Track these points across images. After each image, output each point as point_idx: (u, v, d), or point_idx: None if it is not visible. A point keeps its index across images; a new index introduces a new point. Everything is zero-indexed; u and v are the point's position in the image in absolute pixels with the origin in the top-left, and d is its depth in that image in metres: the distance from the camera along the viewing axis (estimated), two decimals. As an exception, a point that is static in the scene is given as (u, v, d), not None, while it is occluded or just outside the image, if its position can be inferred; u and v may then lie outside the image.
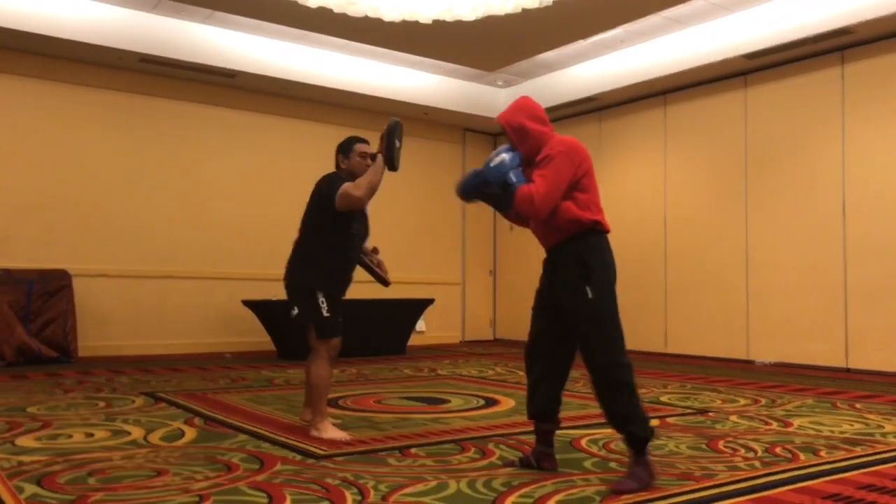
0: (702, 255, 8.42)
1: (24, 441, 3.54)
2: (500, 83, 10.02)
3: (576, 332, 2.99)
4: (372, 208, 4.15)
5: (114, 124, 8.18)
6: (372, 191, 3.70)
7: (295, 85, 8.79)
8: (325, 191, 3.79)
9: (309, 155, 9.24)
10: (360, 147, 3.96)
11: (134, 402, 4.84)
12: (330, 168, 4.06)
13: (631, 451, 2.86)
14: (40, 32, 7.16)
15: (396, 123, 3.80)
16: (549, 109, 9.72)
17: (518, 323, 10.66)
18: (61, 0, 7.26)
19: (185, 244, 8.53)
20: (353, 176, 3.85)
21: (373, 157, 3.83)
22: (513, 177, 2.95)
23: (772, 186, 7.82)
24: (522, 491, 2.71)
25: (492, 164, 3.01)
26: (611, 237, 3.15)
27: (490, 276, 11.24)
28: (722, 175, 8.29)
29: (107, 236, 8.05)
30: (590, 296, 2.89)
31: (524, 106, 3.16)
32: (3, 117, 7.58)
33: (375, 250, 4.17)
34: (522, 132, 3.08)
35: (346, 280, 3.92)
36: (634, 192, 9.23)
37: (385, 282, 4.18)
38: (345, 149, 3.97)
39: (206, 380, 6.09)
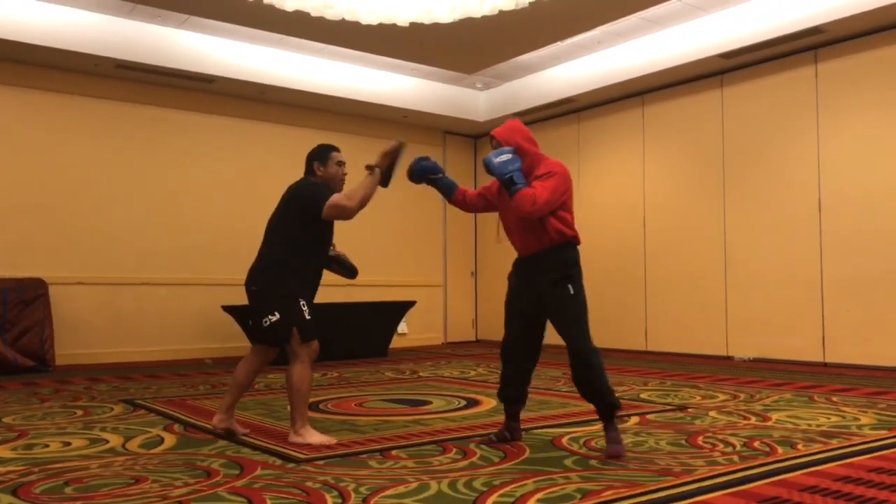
0: (681, 254, 8.49)
1: (0, 451, 3.49)
2: (479, 85, 10.04)
3: (557, 323, 3.54)
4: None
5: (91, 131, 8.11)
6: (364, 204, 3.71)
7: (273, 89, 8.76)
8: (309, 198, 3.72)
9: (288, 159, 9.19)
10: (336, 156, 3.93)
11: (112, 409, 4.79)
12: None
13: (605, 421, 3.43)
14: (14, 39, 7.08)
15: (402, 145, 3.85)
16: (528, 111, 9.77)
17: (499, 324, 10.67)
18: (35, 6, 7.19)
19: (163, 250, 8.47)
20: (327, 184, 3.84)
21: (371, 168, 3.80)
22: (518, 177, 3.40)
23: (749, 184, 7.90)
24: (503, 490, 2.72)
25: (496, 161, 3.40)
26: (591, 237, 3.60)
27: (472, 277, 11.26)
28: (700, 173, 8.36)
29: (83, 243, 7.97)
30: (572, 293, 3.50)
31: (518, 128, 3.60)
32: (-23, 124, 7.49)
33: (332, 245, 4.09)
34: (520, 152, 3.52)
35: (318, 284, 3.89)
36: (614, 192, 9.29)
37: (354, 270, 4.10)
38: (322, 157, 3.90)
39: (186, 386, 6.05)
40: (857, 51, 7.13)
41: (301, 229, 3.73)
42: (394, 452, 3.41)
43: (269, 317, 3.67)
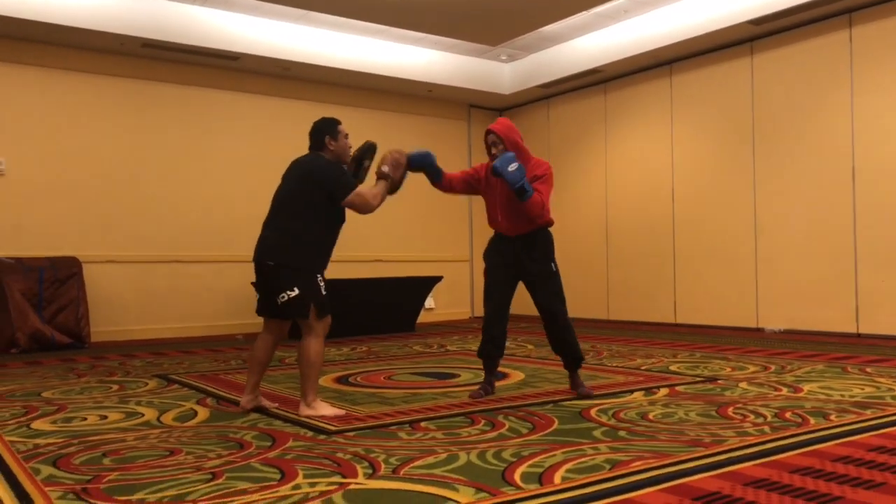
0: (710, 225, 8.38)
1: (40, 424, 3.58)
2: (503, 58, 9.94)
3: (543, 293, 4.21)
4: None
5: (119, 110, 8.19)
6: (380, 204, 3.89)
7: (297, 65, 8.76)
8: (333, 181, 3.74)
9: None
10: (342, 128, 3.96)
11: (147, 384, 4.89)
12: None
13: (573, 370, 4.24)
14: (42, 20, 7.14)
15: (372, 146, 4.06)
16: (554, 83, 9.67)
17: (526, 298, 10.65)
18: (60, -14, 7.24)
19: (193, 228, 8.56)
20: (338, 159, 3.89)
21: (385, 175, 3.93)
22: (528, 186, 3.94)
23: (780, 153, 7.75)
24: (532, 461, 2.73)
25: (510, 169, 3.89)
26: (619, 209, 3.77)
27: (498, 252, 11.23)
28: (729, 143, 8.23)
29: (115, 222, 8.09)
30: (554, 269, 4.22)
31: (514, 127, 4.18)
32: (9, 107, 7.60)
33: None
34: (516, 147, 4.09)
35: (329, 254, 3.91)
36: (641, 163, 9.18)
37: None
38: (332, 130, 3.90)
39: (218, 361, 6.14)
40: (893, 14, 6.92)
41: (317, 205, 3.75)
42: (423, 424, 3.44)
43: (288, 292, 3.65)
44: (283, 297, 3.66)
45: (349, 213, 3.92)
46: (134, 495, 2.39)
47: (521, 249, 4.14)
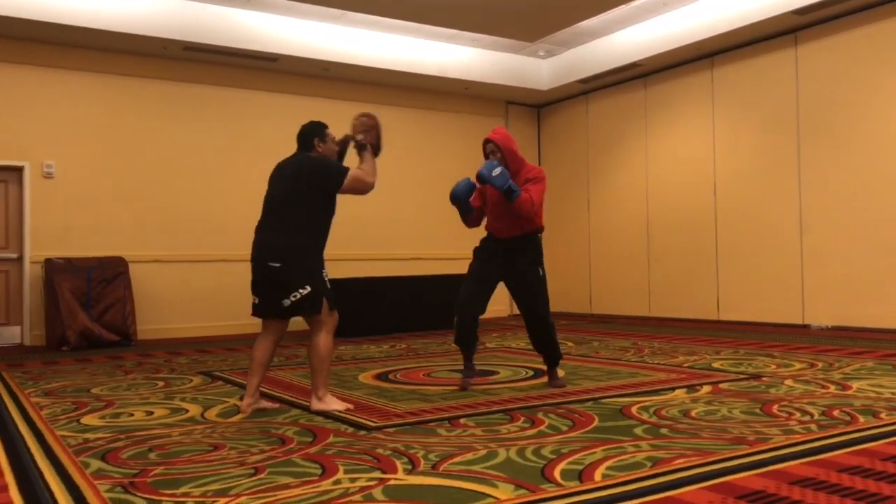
0: (753, 219, 8.23)
1: (89, 420, 3.68)
2: (541, 53, 9.89)
3: (527, 294, 4.36)
4: (415, 183, 4.24)
5: (162, 113, 8.35)
6: (375, 177, 3.92)
7: (336, 65, 8.83)
8: (330, 172, 3.81)
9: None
10: (330, 132, 4.06)
11: (191, 381, 4.98)
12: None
13: (552, 367, 4.50)
14: (85, 25, 7.32)
15: (375, 117, 4.11)
16: (593, 78, 9.59)
17: (566, 295, 10.61)
18: (105, -8, 7.42)
19: (235, 228, 8.67)
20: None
21: (361, 143, 3.92)
22: (514, 186, 4.10)
23: (826, 146, 7.57)
24: (572, 458, 2.71)
25: (495, 174, 4.06)
26: (659, 205, 3.75)
27: (537, 249, 11.17)
28: (773, 136, 8.06)
29: (160, 223, 8.26)
30: (541, 273, 4.37)
31: (511, 137, 4.38)
32: (58, 112, 7.81)
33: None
34: (513, 155, 4.29)
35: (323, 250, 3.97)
36: (682, 157, 9.05)
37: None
38: (321, 133, 4.01)
39: (261, 358, 6.21)
40: (944, 0, 6.71)
41: (319, 203, 3.80)
42: (462, 421, 3.44)
43: (300, 290, 3.66)
44: (296, 295, 3.67)
45: (391, 210, 3.98)
46: (179, 489, 2.44)
47: (511, 252, 4.33)
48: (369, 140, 3.95)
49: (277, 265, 3.70)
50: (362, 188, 3.84)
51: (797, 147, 7.82)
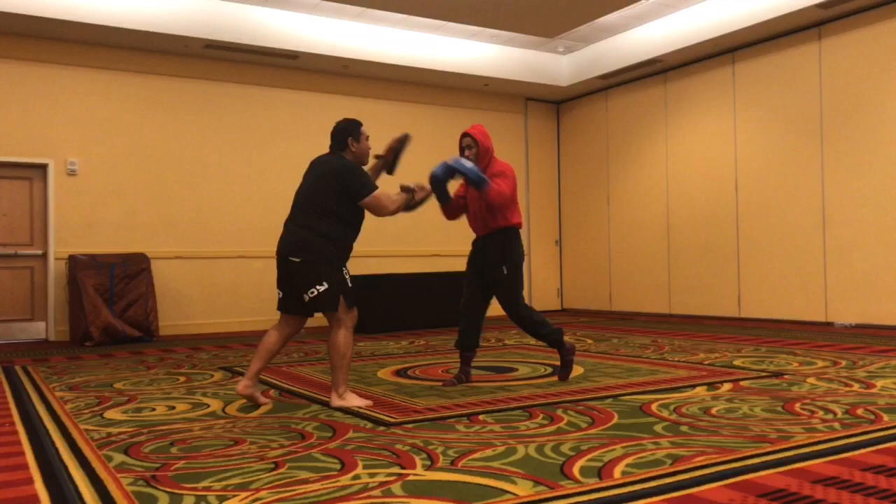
0: (776, 216, 8.14)
1: (112, 414, 3.72)
2: (560, 49, 9.85)
3: (496, 290, 4.43)
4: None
5: (183, 111, 8.42)
6: (398, 212, 3.97)
7: (355, 63, 8.85)
8: (354, 182, 3.82)
9: (372, 132, 9.31)
10: (365, 130, 4.04)
11: (212, 376, 5.02)
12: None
13: (560, 347, 4.48)
14: (109, 24, 7.40)
15: (407, 137, 4.14)
16: (612, 74, 9.54)
17: (585, 292, 10.57)
18: (127, -9, 7.49)
19: (256, 225, 8.75)
20: (358, 159, 3.96)
21: (407, 189, 3.98)
22: (483, 176, 4.19)
23: (849, 142, 7.47)
24: (591, 455, 2.70)
25: (469, 166, 4.17)
26: (680, 202, 3.67)
27: (556, 246, 11.16)
28: (796, 132, 7.97)
29: (181, 220, 8.34)
30: (505, 272, 4.37)
31: (488, 134, 4.49)
32: (81, 110, 7.90)
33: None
34: (488, 152, 4.40)
35: (350, 250, 3.99)
36: (703, 154, 8.97)
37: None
38: (356, 132, 3.97)
39: (281, 353, 6.26)
40: (972, -8, 6.59)
41: (340, 204, 3.82)
42: (481, 417, 3.44)
43: (317, 286, 3.71)
44: (313, 291, 3.72)
45: (413, 213, 4.01)
46: (200, 483, 2.46)
47: (482, 250, 4.46)
48: (416, 196, 4.01)
49: (297, 260, 3.76)
50: (379, 210, 3.85)
51: (820, 142, 7.73)
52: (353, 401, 3.79)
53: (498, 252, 4.39)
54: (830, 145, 7.64)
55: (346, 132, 3.97)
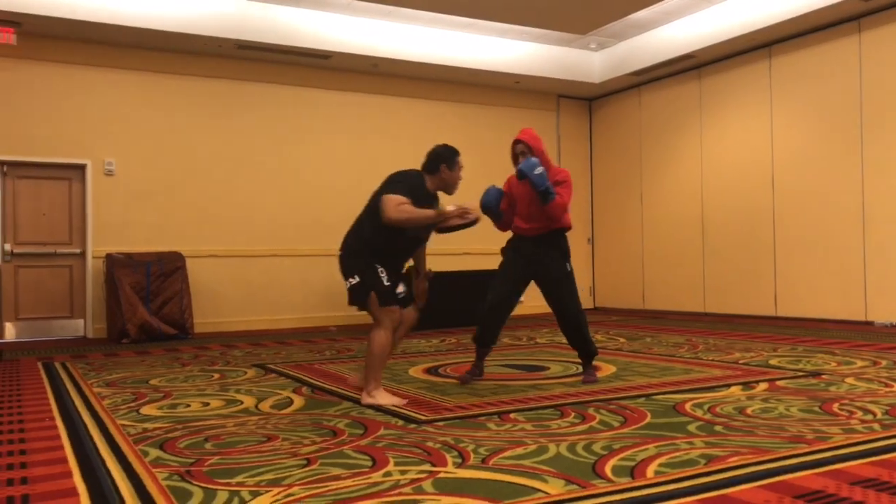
0: (813, 214, 7.99)
1: (148, 410, 3.78)
2: (593, 46, 9.77)
3: (556, 291, 4.35)
4: (467, 178, 4.25)
5: (216, 111, 8.53)
6: (406, 224, 3.79)
7: (386, 62, 8.88)
8: (384, 188, 3.88)
9: (402, 131, 9.41)
10: (461, 160, 4.06)
11: (246, 373, 5.08)
12: (420, 143, 4.12)
13: (587, 363, 4.45)
14: (144, 27, 7.52)
15: (477, 221, 4.00)
16: (645, 70, 9.44)
17: (618, 291, 10.48)
18: (162, -7, 7.60)
19: (288, 223, 8.83)
20: (447, 186, 3.99)
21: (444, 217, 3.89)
22: (552, 189, 4.16)
23: (890, 137, 7.30)
24: (623, 454, 2.68)
25: (536, 172, 4.12)
26: (715, 198, 3.87)
27: (588, 244, 11.08)
28: (834, 128, 7.81)
29: (215, 219, 8.44)
30: (569, 269, 4.39)
31: (538, 136, 4.44)
32: (117, 111, 8.04)
33: (428, 275, 4.24)
34: (543, 156, 4.32)
35: (401, 259, 4.02)
36: (739, 150, 8.84)
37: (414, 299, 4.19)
38: (451, 161, 3.99)
39: (313, 351, 6.31)
40: None
41: (375, 209, 3.87)
42: (512, 415, 3.43)
43: (351, 279, 3.86)
44: (347, 283, 3.87)
45: (442, 205, 4.00)
46: (234, 478, 2.48)
47: (538, 249, 4.36)
48: (448, 219, 3.90)
49: (340, 253, 3.97)
50: (386, 211, 3.75)
51: (860, 138, 7.56)
52: (383, 398, 3.80)
53: (559, 250, 4.35)
54: (870, 141, 7.48)
55: (442, 159, 3.99)
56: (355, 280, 3.83)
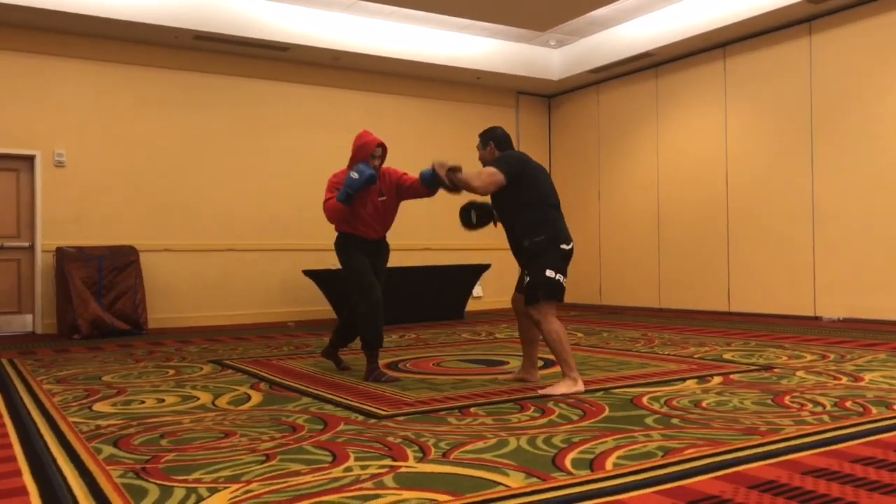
0: (766, 211, 8.18)
1: (101, 407, 3.70)
2: (552, 43, 9.84)
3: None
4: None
5: (173, 103, 8.36)
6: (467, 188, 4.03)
7: (346, 55, 8.81)
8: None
9: (362, 125, 9.28)
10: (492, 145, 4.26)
11: (202, 369, 5.00)
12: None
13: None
14: (98, 15, 7.33)
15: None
16: (604, 67, 9.54)
17: (576, 286, 10.58)
18: (116, -19, 7.42)
19: (245, 217, 8.71)
20: (485, 164, 4.14)
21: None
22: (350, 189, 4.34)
23: (839, 137, 7.51)
24: (583, 447, 2.71)
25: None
26: (671, 195, 3.95)
27: (547, 240, 11.14)
28: (786, 127, 8.00)
29: (170, 212, 8.29)
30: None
31: (359, 137, 4.59)
32: (69, 101, 7.83)
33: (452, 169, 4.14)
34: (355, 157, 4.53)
35: (512, 243, 4.13)
36: (694, 148, 9.00)
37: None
38: (503, 144, 4.20)
39: (271, 347, 6.25)
40: (962, -11, 6.63)
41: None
42: (472, 410, 3.44)
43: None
44: (558, 278, 4.03)
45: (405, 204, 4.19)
46: (191, 475, 2.44)
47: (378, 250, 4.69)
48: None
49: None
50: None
51: (810, 137, 7.76)
52: (559, 388, 3.81)
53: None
54: (820, 140, 7.68)
55: (492, 139, 4.24)
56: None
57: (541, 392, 3.81)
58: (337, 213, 4.39)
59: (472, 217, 4.29)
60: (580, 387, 3.85)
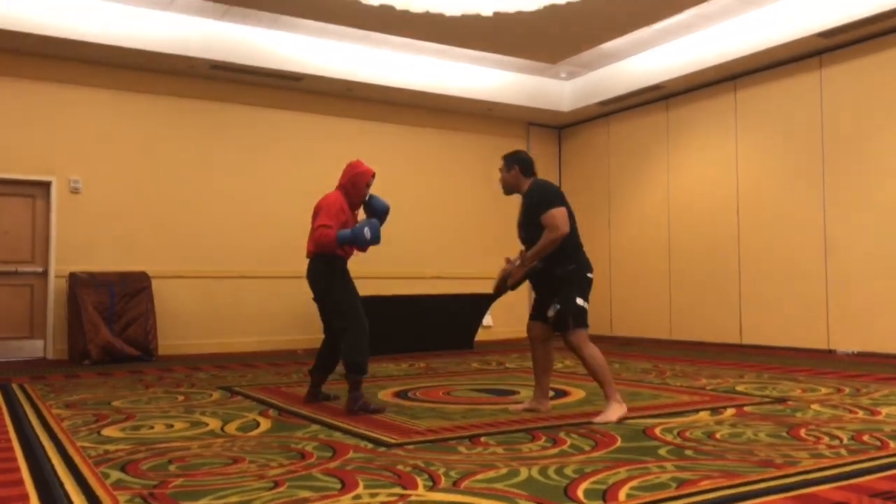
0: (777, 244, 8.14)
1: (110, 431, 3.68)
2: (563, 75, 9.91)
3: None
4: (437, 203, 4.32)
5: (187, 131, 8.45)
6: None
7: (359, 86, 8.90)
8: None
9: (374, 155, 9.37)
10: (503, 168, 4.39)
11: (211, 395, 4.98)
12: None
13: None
14: (115, 44, 7.45)
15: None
16: (615, 100, 9.59)
17: (607, 318, 10.51)
18: (133, 12, 7.54)
19: (257, 245, 8.74)
20: (507, 188, 4.37)
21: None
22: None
23: (851, 170, 7.49)
24: (595, 478, 2.67)
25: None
26: (682, 227, 3.99)
27: (558, 270, 11.11)
28: (797, 160, 7.99)
29: (182, 239, 8.33)
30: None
31: (350, 167, 4.80)
32: (85, 129, 7.92)
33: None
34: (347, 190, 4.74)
35: (543, 274, 4.23)
36: (704, 180, 8.99)
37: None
38: (529, 169, 4.37)
39: (280, 374, 6.22)
40: (973, 23, 6.65)
41: None
42: (483, 439, 3.41)
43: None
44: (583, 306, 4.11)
45: (412, 230, 4.14)
46: (199, 501, 2.42)
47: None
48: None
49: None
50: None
51: (822, 170, 7.74)
52: (612, 414, 3.82)
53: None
54: (832, 173, 7.66)
55: (518, 164, 4.40)
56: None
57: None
58: (332, 246, 4.42)
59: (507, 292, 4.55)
60: (625, 408, 3.89)
